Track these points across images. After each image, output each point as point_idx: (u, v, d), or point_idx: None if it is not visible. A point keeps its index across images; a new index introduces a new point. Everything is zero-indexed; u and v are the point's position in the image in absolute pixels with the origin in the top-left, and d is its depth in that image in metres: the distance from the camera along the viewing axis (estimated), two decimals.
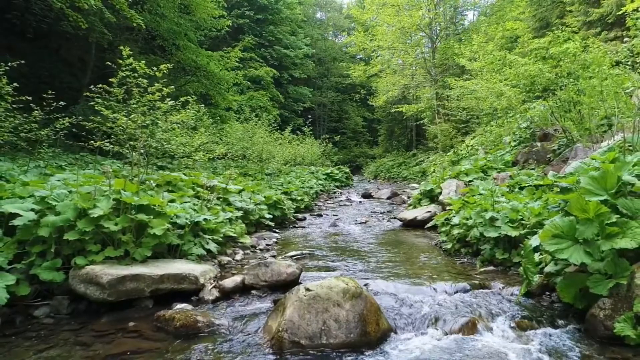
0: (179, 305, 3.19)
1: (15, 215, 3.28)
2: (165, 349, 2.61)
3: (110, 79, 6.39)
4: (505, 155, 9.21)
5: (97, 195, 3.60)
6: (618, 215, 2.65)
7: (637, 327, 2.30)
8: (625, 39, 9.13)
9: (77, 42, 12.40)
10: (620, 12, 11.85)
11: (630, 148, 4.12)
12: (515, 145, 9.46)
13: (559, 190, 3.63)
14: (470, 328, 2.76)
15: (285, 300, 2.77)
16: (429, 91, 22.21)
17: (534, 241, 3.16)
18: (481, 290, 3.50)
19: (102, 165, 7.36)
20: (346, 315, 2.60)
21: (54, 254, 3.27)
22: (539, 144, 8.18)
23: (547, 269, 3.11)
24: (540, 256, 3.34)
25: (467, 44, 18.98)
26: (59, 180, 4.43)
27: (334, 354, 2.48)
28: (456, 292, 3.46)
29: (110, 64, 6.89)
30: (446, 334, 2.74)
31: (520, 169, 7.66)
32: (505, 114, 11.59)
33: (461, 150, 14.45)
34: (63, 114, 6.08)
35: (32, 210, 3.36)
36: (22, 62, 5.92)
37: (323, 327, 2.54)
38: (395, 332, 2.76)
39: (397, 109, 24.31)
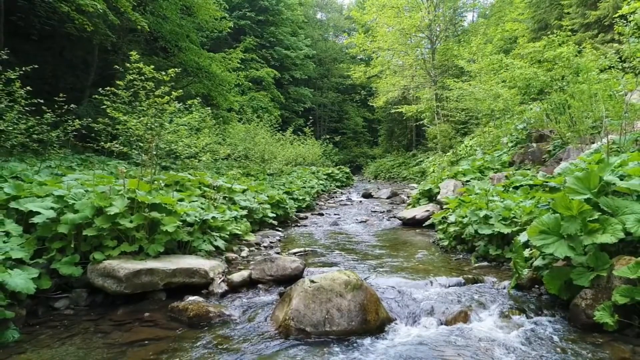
0: (191, 298, 3.39)
1: (33, 213, 3.49)
2: (180, 337, 2.82)
3: (117, 82, 6.61)
4: (503, 155, 9.41)
5: (111, 195, 3.81)
6: (600, 213, 2.85)
7: (614, 315, 2.51)
8: (615, 45, 9.34)
9: (80, 43, 12.61)
10: (616, 15, 12.08)
11: (618, 149, 4.33)
12: (512, 146, 9.66)
13: (548, 189, 3.84)
14: (463, 317, 2.97)
15: (291, 291, 2.98)
16: (429, 92, 22.40)
17: (523, 237, 3.37)
18: (475, 284, 3.71)
19: (108, 165, 7.58)
20: (348, 305, 2.81)
21: (73, 250, 3.48)
22: (534, 144, 8.39)
23: (535, 263, 3.32)
24: (530, 251, 3.55)
25: (466, 45, 19.19)
26: (73, 181, 4.63)
27: (337, 340, 2.69)
28: (451, 285, 3.67)
29: (117, 67, 7.11)
30: (441, 323, 2.94)
31: (516, 169, 7.86)
32: (502, 115, 11.81)
33: (460, 151, 14.65)
34: (73, 116, 6.27)
35: (52, 208, 3.58)
36: (36, 66, 6.12)
37: (327, 316, 2.75)
38: (394, 321, 2.97)
39: (397, 110, 24.50)
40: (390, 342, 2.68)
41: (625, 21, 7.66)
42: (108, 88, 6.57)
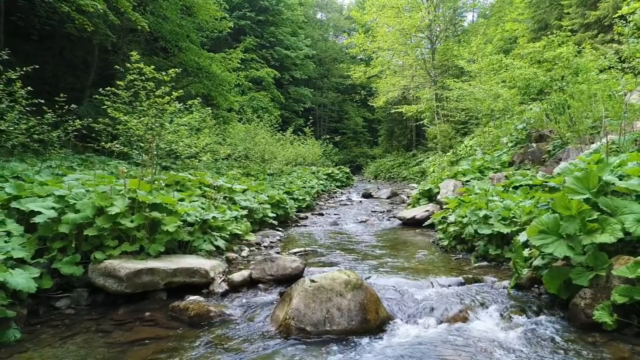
0: (192, 297, 3.41)
1: (34, 213, 3.50)
2: (181, 336, 2.83)
3: (117, 82, 6.62)
4: (502, 155, 9.43)
5: (112, 194, 3.82)
6: (599, 213, 2.86)
7: (613, 314, 2.52)
8: (614, 45, 9.36)
9: (80, 43, 12.61)
10: (616, 15, 12.09)
11: (617, 149, 4.35)
12: (512, 146, 9.68)
13: (547, 189, 3.85)
14: (463, 317, 2.98)
15: (291, 291, 2.99)
16: (429, 92, 22.41)
17: (522, 237, 3.38)
18: (475, 283, 3.72)
19: (109, 165, 7.60)
20: (348, 304, 2.82)
21: (74, 249, 3.49)
22: (534, 144, 8.40)
23: (535, 263, 3.33)
24: (530, 251, 3.57)
25: (466, 45, 19.20)
26: (73, 180, 4.64)
27: (337, 339, 2.70)
28: (451, 285, 3.68)
29: (117, 67, 7.13)
30: (440, 322, 2.95)
31: (516, 169, 7.87)
32: (502, 115, 11.83)
33: (460, 151, 14.66)
34: (74, 116, 6.29)
35: (53, 208, 3.59)
36: (36, 66, 6.13)
37: (327, 315, 2.76)
38: (394, 321, 2.98)
39: (397, 110, 24.52)
40: (390, 342, 2.69)
41: (624, 21, 7.69)
42: (108, 88, 6.58)
